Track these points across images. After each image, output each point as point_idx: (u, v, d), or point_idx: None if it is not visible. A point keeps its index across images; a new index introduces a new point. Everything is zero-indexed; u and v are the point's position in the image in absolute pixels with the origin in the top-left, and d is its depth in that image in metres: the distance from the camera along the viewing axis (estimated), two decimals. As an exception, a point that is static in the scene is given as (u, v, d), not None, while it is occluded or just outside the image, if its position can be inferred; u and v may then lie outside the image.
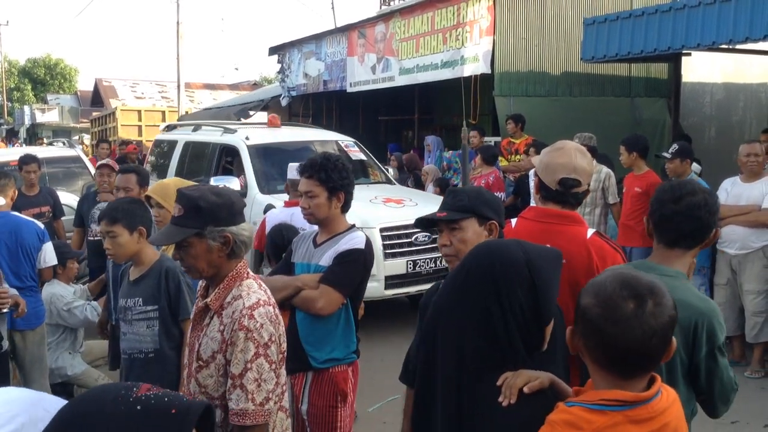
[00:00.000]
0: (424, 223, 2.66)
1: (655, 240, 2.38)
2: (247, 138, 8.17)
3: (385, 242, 6.78)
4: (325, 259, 3.27)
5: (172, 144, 9.65)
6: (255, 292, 2.39)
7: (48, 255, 5.12)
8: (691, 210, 2.28)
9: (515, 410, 1.67)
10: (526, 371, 1.72)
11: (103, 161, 6.58)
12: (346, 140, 8.93)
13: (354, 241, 3.27)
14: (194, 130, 9.55)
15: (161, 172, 9.39)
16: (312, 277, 3.25)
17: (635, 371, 1.58)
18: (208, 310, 2.45)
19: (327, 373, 3.25)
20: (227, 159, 8.57)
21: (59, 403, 2.65)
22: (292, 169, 5.10)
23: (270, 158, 8.05)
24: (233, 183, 7.14)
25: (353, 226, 3.40)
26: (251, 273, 2.50)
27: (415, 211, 6.39)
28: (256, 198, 7.52)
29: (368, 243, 3.32)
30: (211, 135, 8.98)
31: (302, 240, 3.49)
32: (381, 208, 7.19)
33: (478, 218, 2.50)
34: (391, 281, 6.83)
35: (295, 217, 4.81)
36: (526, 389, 1.68)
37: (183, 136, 9.62)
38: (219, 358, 2.36)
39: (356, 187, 3.50)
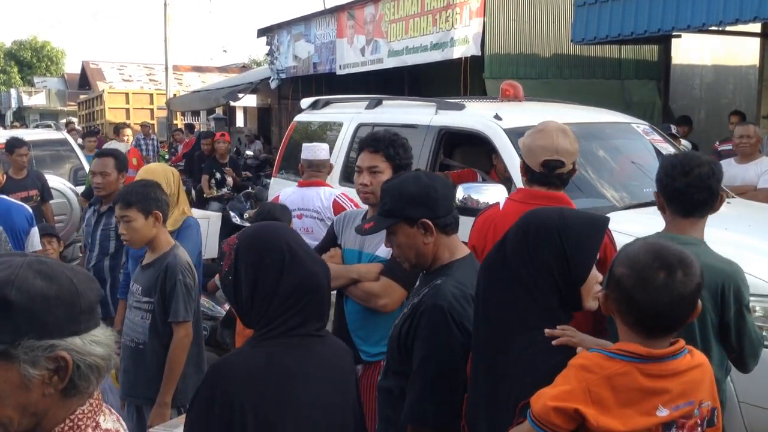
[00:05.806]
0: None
1: (668, 212, 2.49)
2: (497, 117, 5.10)
3: None
4: (383, 249, 2.93)
5: (334, 127, 6.60)
6: None
7: (34, 240, 5.09)
8: (702, 180, 2.41)
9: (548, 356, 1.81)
10: (591, 337, 1.86)
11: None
12: (641, 124, 5.90)
13: None
14: (370, 107, 6.35)
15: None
16: (368, 267, 2.97)
17: (660, 332, 1.72)
18: None
19: (378, 366, 2.95)
20: (447, 150, 5.81)
21: None
22: (309, 150, 4.80)
23: None
24: (494, 192, 4.45)
25: None
26: (110, 408, 1.37)
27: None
28: None
29: None
30: (411, 113, 5.96)
31: (349, 221, 3.17)
32: None
33: (405, 221, 2.28)
34: None
35: (306, 198, 4.54)
36: (579, 349, 1.81)
37: (351, 115, 6.47)
38: None
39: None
